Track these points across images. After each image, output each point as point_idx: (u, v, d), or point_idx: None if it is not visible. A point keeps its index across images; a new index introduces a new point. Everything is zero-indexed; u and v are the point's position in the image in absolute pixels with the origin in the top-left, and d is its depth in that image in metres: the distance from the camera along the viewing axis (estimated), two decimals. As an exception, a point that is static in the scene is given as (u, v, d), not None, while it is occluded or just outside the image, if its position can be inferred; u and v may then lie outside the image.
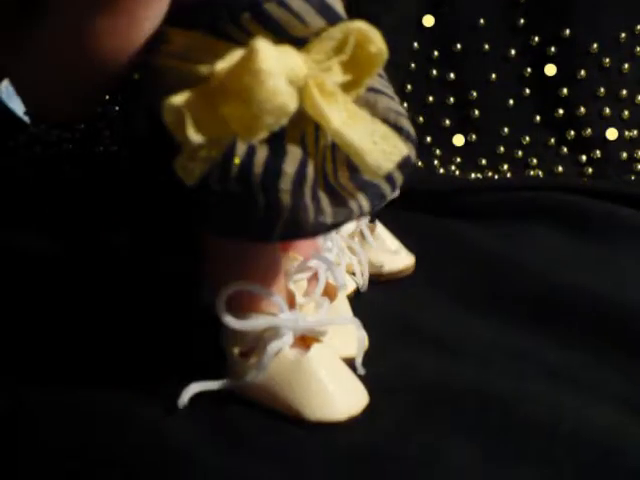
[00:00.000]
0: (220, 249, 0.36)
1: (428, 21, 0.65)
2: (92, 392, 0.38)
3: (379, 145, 0.29)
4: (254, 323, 0.36)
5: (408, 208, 0.57)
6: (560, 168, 0.64)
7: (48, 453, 0.34)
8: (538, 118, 0.65)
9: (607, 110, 0.64)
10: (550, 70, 0.64)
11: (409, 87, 0.65)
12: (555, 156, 0.64)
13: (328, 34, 0.29)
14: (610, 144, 0.64)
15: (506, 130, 0.65)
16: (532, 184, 0.60)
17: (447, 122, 0.66)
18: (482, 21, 0.64)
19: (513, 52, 0.65)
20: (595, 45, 0.63)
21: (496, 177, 0.63)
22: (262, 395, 0.37)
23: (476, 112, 0.65)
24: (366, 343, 0.40)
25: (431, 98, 0.65)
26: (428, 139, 0.66)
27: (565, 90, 0.64)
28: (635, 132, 0.64)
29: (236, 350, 0.37)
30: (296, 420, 0.36)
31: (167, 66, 0.29)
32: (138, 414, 0.36)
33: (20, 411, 0.37)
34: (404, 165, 0.32)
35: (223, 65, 0.27)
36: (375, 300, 0.47)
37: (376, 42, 0.29)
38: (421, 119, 0.66)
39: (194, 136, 0.27)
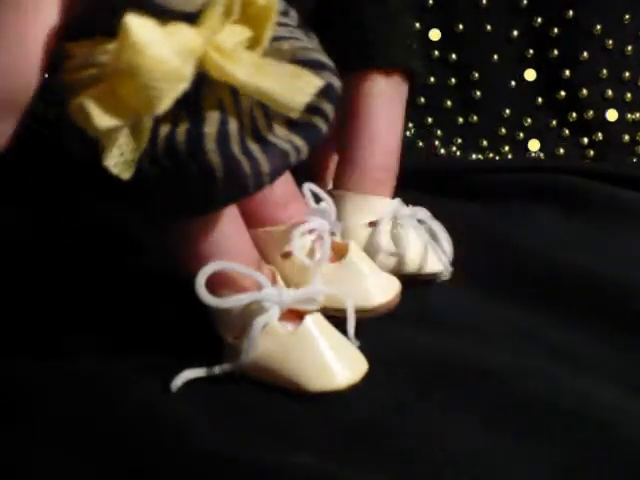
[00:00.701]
0: (182, 238, 0.36)
1: (429, 2, 0.64)
2: (90, 365, 0.38)
3: (291, 84, 0.30)
4: (236, 300, 0.36)
5: (408, 188, 0.57)
6: (562, 150, 0.64)
7: (45, 421, 0.35)
8: (540, 100, 0.65)
9: (609, 92, 0.63)
10: (552, 51, 0.64)
11: (410, 68, 0.65)
12: (557, 138, 0.64)
13: (214, 1, 0.29)
14: (612, 126, 0.64)
15: (508, 111, 0.65)
16: (533, 165, 0.59)
17: (448, 103, 0.65)
18: (484, 1, 0.63)
19: (515, 33, 0.64)
20: (598, 27, 0.63)
21: (497, 158, 0.63)
22: (261, 373, 0.37)
23: (477, 93, 0.65)
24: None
25: (432, 79, 0.65)
26: (429, 120, 0.65)
27: (567, 72, 0.63)
28: (637, 115, 0.64)
29: (229, 334, 0.38)
30: (297, 393, 0.35)
31: (75, 79, 0.29)
32: (134, 390, 0.36)
33: (18, 381, 0.37)
34: (330, 95, 0.33)
35: (109, 51, 0.28)
36: None
37: None
38: (422, 100, 0.65)
39: (101, 122, 0.28)
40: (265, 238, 0.41)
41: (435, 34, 0.65)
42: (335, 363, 0.36)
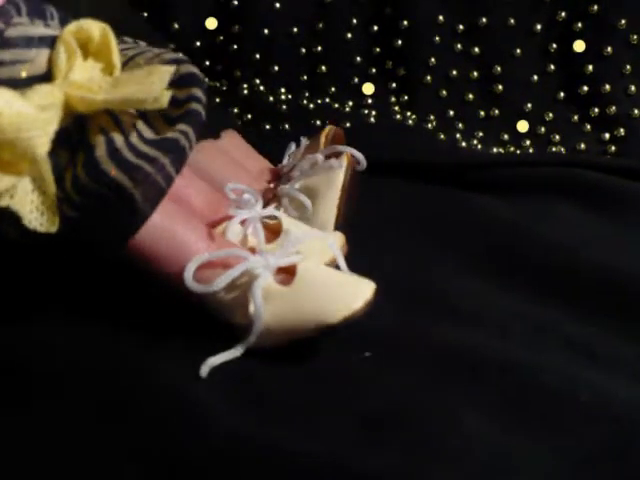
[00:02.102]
0: (141, 258, 0.38)
1: (454, -5, 0.64)
2: (118, 350, 0.39)
3: (147, 82, 0.34)
4: (227, 276, 0.37)
5: (429, 180, 0.57)
6: (583, 145, 0.63)
7: (75, 403, 0.35)
8: (562, 94, 0.65)
9: (632, 88, 0.63)
10: (576, 46, 0.63)
11: (433, 60, 0.65)
12: (578, 133, 0.64)
13: (56, 54, 0.34)
14: (634, 122, 0.63)
15: (529, 106, 0.65)
16: (554, 160, 0.59)
17: (470, 96, 0.65)
18: (509, -5, 0.64)
19: (539, 27, 0.64)
20: (623, 21, 0.62)
21: (518, 152, 0.63)
22: (279, 336, 0.37)
23: (499, 87, 0.65)
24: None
25: (455, 72, 0.65)
26: (451, 113, 0.65)
27: (590, 67, 0.63)
28: (660, 111, 0.64)
29: (236, 316, 0.38)
30: (324, 332, 0.36)
31: None
32: (161, 376, 0.37)
33: (49, 367, 0.38)
34: (195, 80, 0.37)
35: None
36: (388, 270, 0.47)
37: (93, 30, 0.35)
38: (444, 93, 0.65)
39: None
40: None
41: (459, 27, 0.65)
42: (342, 290, 0.37)
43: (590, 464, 0.32)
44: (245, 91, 0.66)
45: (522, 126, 0.65)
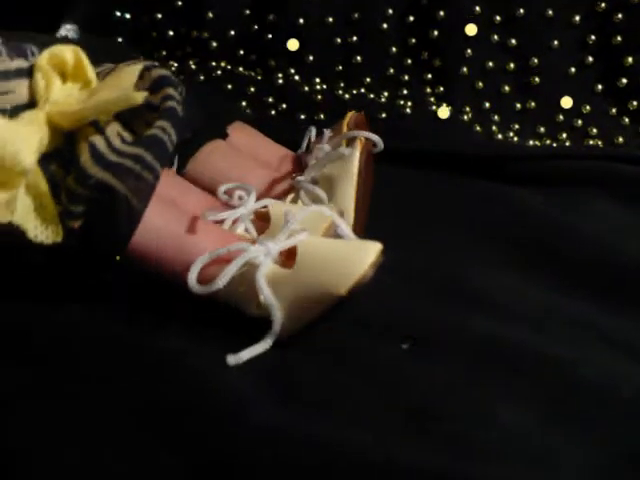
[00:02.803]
0: (141, 259, 0.39)
1: (491, -16, 0.64)
2: (147, 338, 0.39)
3: (121, 83, 0.37)
4: (228, 270, 0.37)
5: (464, 172, 0.57)
6: (621, 139, 0.63)
7: (103, 392, 0.36)
8: (600, 87, 0.64)
9: (672, 81, 0.62)
10: (615, 38, 0.63)
11: (469, 52, 0.64)
12: (616, 126, 0.63)
13: (34, 82, 0.37)
14: (674, 116, 0.63)
15: (566, 98, 0.64)
16: (592, 153, 0.59)
17: (506, 88, 0.65)
18: (547, -15, 0.63)
19: (577, 18, 0.63)
20: (664, 12, 0.61)
21: (555, 145, 0.62)
22: (300, 319, 0.38)
23: (536, 79, 0.64)
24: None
25: (491, 64, 0.65)
26: (487, 105, 0.65)
27: (630, 59, 0.63)
28: (700, 105, 0.63)
29: (250, 308, 0.39)
30: (334, 301, 0.37)
31: None
32: (189, 364, 0.37)
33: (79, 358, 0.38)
34: (166, 81, 0.40)
35: None
36: (421, 262, 0.47)
37: (66, 54, 0.38)
38: (480, 84, 0.65)
39: None
40: None
41: (496, 18, 0.64)
42: (348, 255, 0.37)
43: (630, 461, 0.32)
44: (280, 81, 0.66)
45: (559, 118, 0.64)
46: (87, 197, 0.36)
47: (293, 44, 0.66)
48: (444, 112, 0.63)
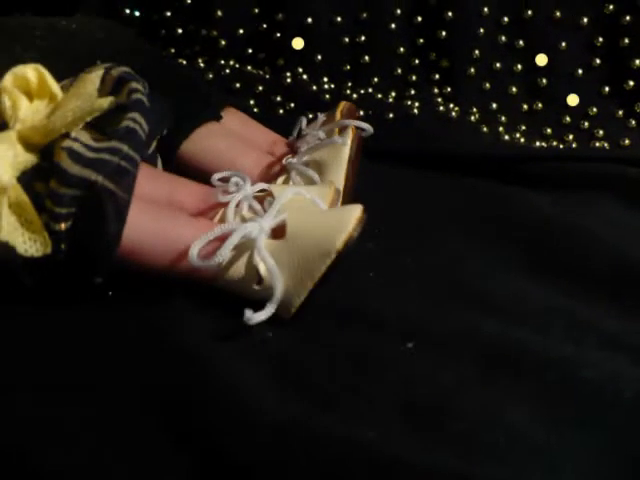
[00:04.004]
0: (135, 258, 0.40)
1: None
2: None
3: (85, 92, 0.39)
4: (226, 247, 0.38)
5: (471, 174, 0.57)
6: (627, 141, 0.63)
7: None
8: (607, 89, 0.64)
9: (679, 83, 0.63)
10: (623, 40, 0.63)
11: (477, 53, 0.65)
12: (622, 128, 0.64)
13: (2, 105, 0.39)
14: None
15: (573, 100, 0.64)
16: (598, 155, 0.59)
17: (514, 89, 0.65)
18: (555, -13, 0.63)
19: (585, 20, 0.64)
20: (672, 15, 0.62)
21: (561, 147, 0.62)
22: (301, 287, 0.38)
23: (543, 80, 0.65)
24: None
25: (498, 65, 0.65)
26: (494, 105, 0.65)
27: (637, 61, 0.63)
28: None
29: (249, 285, 0.39)
30: (332, 258, 0.38)
31: None
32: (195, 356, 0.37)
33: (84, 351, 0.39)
34: (126, 78, 0.41)
35: None
36: (426, 262, 0.47)
37: (28, 73, 0.39)
38: (487, 85, 0.65)
39: None
40: None
41: (503, 20, 0.64)
42: (334, 217, 0.39)
43: (631, 463, 0.32)
44: (288, 80, 0.66)
45: (565, 120, 0.64)
46: (72, 196, 0.37)
47: (298, 43, 0.67)
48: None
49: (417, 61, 0.66)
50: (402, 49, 0.66)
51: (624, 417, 0.34)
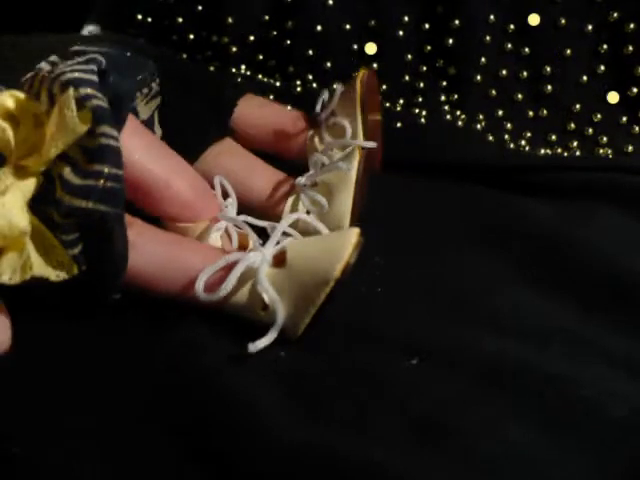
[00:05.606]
0: (140, 281, 0.42)
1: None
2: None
3: (62, 120, 0.38)
4: (229, 280, 0.40)
5: (476, 183, 0.59)
6: (630, 147, 0.64)
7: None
8: (611, 96, 0.65)
9: (684, 90, 0.64)
10: (627, 47, 0.64)
11: (483, 60, 0.66)
12: (626, 135, 0.64)
13: None
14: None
15: (578, 106, 0.65)
16: (601, 165, 0.60)
17: (519, 96, 0.66)
18: (560, -6, 0.64)
19: (590, 27, 0.65)
20: (676, 23, 0.62)
21: (565, 154, 0.64)
22: (299, 314, 0.40)
23: (549, 87, 0.66)
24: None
25: (504, 72, 0.66)
26: (500, 112, 0.66)
27: (641, 68, 0.64)
28: None
29: (256, 311, 0.41)
30: (331, 285, 0.39)
31: None
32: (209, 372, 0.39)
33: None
34: (86, 84, 0.39)
35: None
36: (426, 273, 0.49)
37: (5, 101, 0.39)
38: (494, 92, 0.66)
39: None
40: (181, 233, 0.45)
41: (509, 27, 0.65)
42: (332, 244, 0.40)
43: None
44: (298, 88, 0.67)
45: (570, 127, 0.65)
46: (71, 224, 0.38)
47: (371, 48, 0.67)
48: None
49: (425, 68, 0.67)
50: (410, 56, 0.67)
51: (617, 434, 0.36)
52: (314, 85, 0.68)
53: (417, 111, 0.66)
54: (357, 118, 0.54)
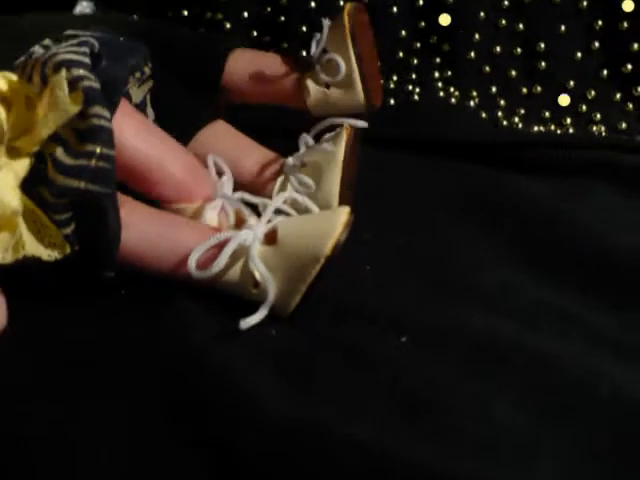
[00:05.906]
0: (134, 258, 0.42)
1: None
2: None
3: (54, 99, 0.38)
4: (222, 256, 0.40)
5: (469, 160, 0.58)
6: (624, 124, 0.64)
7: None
8: (605, 72, 0.65)
9: (678, 67, 0.63)
10: (621, 24, 0.64)
11: (477, 37, 0.66)
12: (620, 112, 0.64)
13: None
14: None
15: (572, 83, 0.65)
16: (595, 142, 0.60)
17: (513, 73, 0.66)
18: (555, -29, 0.64)
19: (585, 4, 0.64)
20: (671, -1, 0.62)
21: (559, 131, 0.63)
22: (291, 292, 0.41)
23: (542, 64, 0.65)
24: None
25: (498, 48, 0.66)
26: (493, 89, 0.66)
27: (636, 45, 0.64)
28: None
29: (248, 289, 0.42)
30: (321, 263, 0.40)
31: None
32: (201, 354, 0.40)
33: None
34: (77, 66, 0.40)
35: None
36: (417, 251, 0.49)
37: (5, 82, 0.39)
38: (487, 69, 0.66)
39: None
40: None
41: (504, 3, 0.65)
42: (322, 222, 0.41)
43: (610, 456, 0.34)
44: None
45: (564, 104, 0.65)
46: (65, 204, 0.39)
47: (445, 19, 0.66)
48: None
49: (418, 45, 0.67)
50: (404, 32, 0.67)
51: (601, 413, 0.36)
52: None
53: (410, 88, 0.66)
54: (349, 50, 0.52)
